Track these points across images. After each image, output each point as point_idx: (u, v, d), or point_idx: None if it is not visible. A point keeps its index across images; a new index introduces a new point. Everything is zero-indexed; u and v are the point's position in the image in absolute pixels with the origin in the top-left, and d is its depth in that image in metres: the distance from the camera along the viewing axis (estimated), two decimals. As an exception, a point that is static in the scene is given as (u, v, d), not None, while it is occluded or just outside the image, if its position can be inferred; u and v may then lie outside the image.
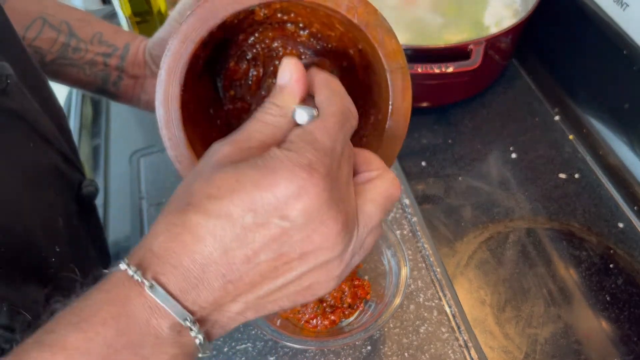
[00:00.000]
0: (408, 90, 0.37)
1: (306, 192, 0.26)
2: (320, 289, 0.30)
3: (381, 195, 0.31)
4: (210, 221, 0.27)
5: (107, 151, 0.79)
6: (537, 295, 0.61)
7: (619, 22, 0.72)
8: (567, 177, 0.73)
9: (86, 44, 0.52)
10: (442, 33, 0.81)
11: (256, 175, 0.27)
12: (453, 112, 0.82)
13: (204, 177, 0.28)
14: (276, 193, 0.26)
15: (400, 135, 0.38)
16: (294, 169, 0.27)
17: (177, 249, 0.27)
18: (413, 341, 0.56)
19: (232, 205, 0.26)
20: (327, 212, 0.27)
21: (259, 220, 0.27)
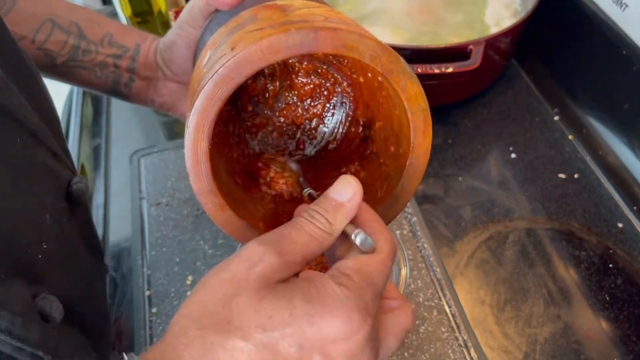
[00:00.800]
0: (429, 130, 0.39)
1: (356, 335, 0.27)
2: None
3: (401, 329, 0.31)
4: (255, 350, 0.26)
5: (107, 151, 0.79)
6: (537, 295, 0.61)
7: (619, 23, 0.72)
8: (566, 177, 0.73)
9: (96, 45, 0.52)
10: (444, 33, 0.81)
11: (311, 311, 0.27)
12: (453, 112, 0.82)
13: (251, 295, 0.27)
14: (330, 332, 0.26)
15: (420, 169, 0.39)
16: (351, 313, 0.27)
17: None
18: (413, 341, 0.56)
19: (281, 340, 0.26)
20: (369, 354, 0.28)
21: (302, 354, 0.26)
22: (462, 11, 0.84)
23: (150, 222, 0.66)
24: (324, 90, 0.46)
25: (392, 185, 0.39)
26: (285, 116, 0.47)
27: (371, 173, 0.43)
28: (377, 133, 0.43)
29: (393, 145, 0.41)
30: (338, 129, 0.48)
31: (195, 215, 0.67)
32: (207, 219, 0.66)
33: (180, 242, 0.64)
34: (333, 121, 0.47)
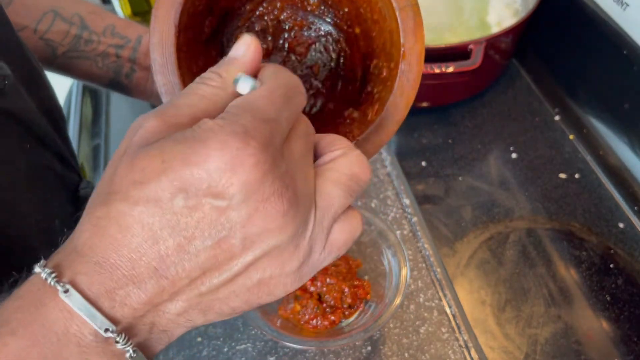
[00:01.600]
0: (420, 30, 0.33)
1: (241, 163, 0.23)
2: (276, 286, 0.26)
3: (344, 174, 0.27)
4: (136, 209, 0.23)
5: (107, 151, 0.79)
6: (537, 295, 0.61)
7: (619, 22, 0.71)
8: (567, 177, 0.73)
9: (98, 35, 0.52)
10: (444, 33, 0.81)
11: (185, 150, 0.23)
12: (453, 112, 0.82)
13: (127, 159, 0.24)
14: (208, 167, 0.23)
15: (415, 79, 0.34)
16: (226, 138, 0.23)
17: (102, 244, 0.24)
18: (413, 341, 0.56)
19: (159, 189, 0.23)
20: (270, 187, 0.24)
21: (190, 203, 0.23)
22: (462, 11, 0.84)
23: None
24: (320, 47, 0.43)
25: (383, 104, 0.35)
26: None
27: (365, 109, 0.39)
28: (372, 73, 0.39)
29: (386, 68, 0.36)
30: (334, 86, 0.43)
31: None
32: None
33: (180, 242, 0.64)
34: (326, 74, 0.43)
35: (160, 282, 0.24)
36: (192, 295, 0.25)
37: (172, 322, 0.26)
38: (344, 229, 0.28)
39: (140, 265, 0.24)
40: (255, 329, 0.56)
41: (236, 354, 0.55)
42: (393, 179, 0.70)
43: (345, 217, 0.28)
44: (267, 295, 0.27)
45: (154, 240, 0.23)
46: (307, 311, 0.55)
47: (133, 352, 0.25)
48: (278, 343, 0.55)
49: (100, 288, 0.24)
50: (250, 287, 0.26)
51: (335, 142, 0.28)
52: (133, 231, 0.23)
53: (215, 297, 0.26)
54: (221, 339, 0.56)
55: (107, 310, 0.24)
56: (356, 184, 0.27)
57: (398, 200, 0.67)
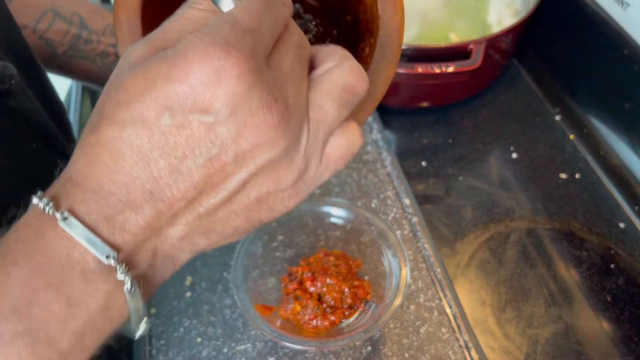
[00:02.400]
0: (399, 1, 0.32)
1: (225, 74, 0.22)
2: (274, 202, 0.26)
3: (337, 85, 0.26)
4: (125, 131, 0.23)
5: (106, 151, 0.79)
6: (538, 295, 0.61)
7: (620, 22, 0.71)
8: (567, 177, 0.73)
9: (98, 35, 0.52)
10: (445, 32, 0.81)
11: (167, 67, 0.22)
12: (453, 112, 0.81)
13: (114, 84, 0.24)
14: (191, 82, 0.22)
15: (394, 54, 0.32)
16: (207, 49, 0.22)
17: (96, 172, 0.23)
18: (413, 342, 0.56)
19: (144, 108, 0.23)
20: (258, 99, 0.23)
21: (177, 120, 0.23)
22: (463, 10, 0.84)
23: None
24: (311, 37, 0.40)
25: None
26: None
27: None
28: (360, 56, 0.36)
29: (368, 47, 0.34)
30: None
31: (195, 216, 0.67)
32: (207, 219, 0.66)
33: (180, 243, 0.64)
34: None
35: (157, 205, 0.24)
36: (191, 217, 0.25)
37: (175, 247, 0.26)
38: (341, 142, 0.27)
39: (135, 190, 0.23)
40: (255, 330, 0.56)
41: (236, 354, 0.55)
42: (393, 179, 0.69)
43: (342, 130, 0.27)
44: (267, 212, 0.26)
45: (146, 162, 0.23)
46: (307, 311, 0.54)
47: (131, 285, 0.24)
48: (278, 343, 0.55)
49: (98, 215, 0.24)
50: (248, 205, 0.25)
51: (331, 54, 0.27)
52: (124, 155, 0.23)
53: (215, 218, 0.25)
54: (221, 340, 0.56)
55: (107, 237, 0.24)
56: (350, 94, 0.27)
57: (398, 200, 0.67)
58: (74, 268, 0.23)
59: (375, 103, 0.33)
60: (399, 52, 0.32)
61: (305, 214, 0.61)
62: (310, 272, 0.55)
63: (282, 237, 0.61)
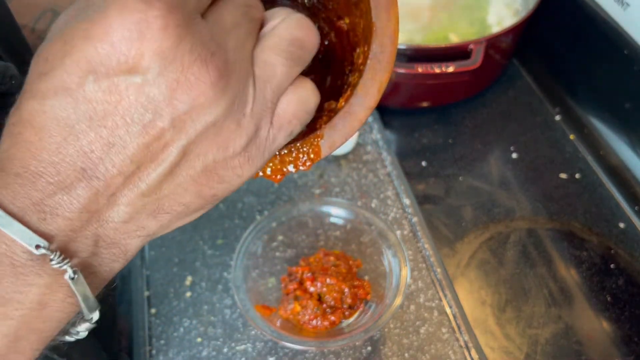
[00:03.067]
0: (394, 7, 0.30)
1: (148, 27, 0.19)
2: (225, 171, 0.24)
3: (284, 40, 0.24)
4: (46, 103, 0.20)
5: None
6: (538, 295, 0.61)
7: (620, 22, 0.71)
8: (568, 177, 0.73)
9: None
10: (445, 32, 0.81)
11: (85, 25, 0.20)
12: (453, 112, 0.81)
13: (36, 54, 0.21)
14: (111, 39, 0.20)
15: (388, 61, 0.31)
16: (126, 3, 0.19)
17: (20, 152, 0.21)
18: (413, 342, 0.56)
19: (64, 74, 0.20)
20: (189, 55, 0.20)
21: (103, 85, 0.20)
22: (463, 10, 0.84)
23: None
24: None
25: (353, 90, 0.32)
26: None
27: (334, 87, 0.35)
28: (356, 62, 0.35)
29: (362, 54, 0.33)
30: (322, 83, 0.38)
31: (195, 216, 0.66)
32: (207, 219, 0.66)
33: (180, 243, 0.64)
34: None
35: (92, 183, 0.21)
36: (133, 196, 0.22)
37: (119, 232, 0.23)
38: (292, 100, 0.25)
39: (65, 168, 0.21)
40: (255, 330, 0.56)
41: (236, 354, 0.55)
42: (393, 179, 0.69)
43: (293, 87, 0.25)
44: (218, 184, 0.24)
45: (74, 136, 0.21)
46: (307, 312, 0.54)
47: (73, 272, 0.22)
48: (278, 343, 0.55)
49: (25, 201, 0.21)
50: (195, 177, 0.23)
51: (279, 11, 0.25)
52: (49, 130, 0.21)
53: (160, 194, 0.23)
54: (221, 340, 0.56)
55: (36, 225, 0.21)
56: (299, 48, 0.24)
57: (398, 200, 0.67)
58: (1, 261, 0.21)
59: (369, 111, 0.32)
60: (392, 59, 0.31)
61: (305, 214, 0.61)
62: (310, 272, 0.56)
63: (282, 237, 0.61)
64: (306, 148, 0.32)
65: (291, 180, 0.70)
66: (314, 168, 0.71)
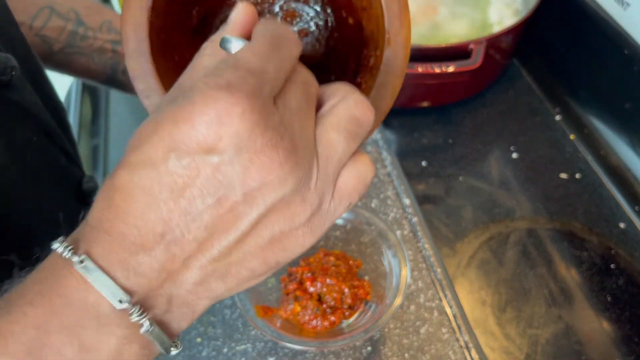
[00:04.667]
0: (406, 14, 0.32)
1: (227, 114, 0.22)
2: (289, 241, 0.26)
3: (343, 119, 0.26)
4: (135, 173, 0.23)
5: (106, 151, 0.79)
6: (538, 295, 0.61)
7: (620, 22, 0.71)
8: (568, 177, 0.73)
9: (94, 31, 0.52)
10: (445, 32, 0.81)
11: (173, 110, 0.23)
12: (454, 112, 0.81)
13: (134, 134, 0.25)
14: (195, 124, 0.22)
15: (400, 67, 0.32)
16: (210, 92, 0.22)
17: (110, 214, 0.24)
18: (413, 342, 0.55)
19: (151, 150, 0.23)
20: (262, 138, 0.23)
21: (184, 162, 0.23)
22: (463, 10, 0.84)
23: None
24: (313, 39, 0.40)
25: (367, 94, 0.33)
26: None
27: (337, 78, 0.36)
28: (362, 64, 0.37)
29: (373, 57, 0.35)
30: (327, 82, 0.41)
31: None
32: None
33: (180, 243, 0.64)
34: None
35: (169, 247, 0.24)
36: (205, 260, 0.24)
37: (191, 293, 0.25)
38: (352, 175, 0.27)
39: (147, 232, 0.23)
40: (255, 330, 0.56)
41: (236, 354, 0.55)
42: (393, 179, 0.69)
43: (353, 163, 0.27)
44: (282, 252, 0.26)
45: (156, 204, 0.23)
46: (307, 312, 0.54)
47: (150, 324, 0.24)
48: (278, 344, 0.55)
49: (113, 257, 0.24)
50: (263, 246, 0.25)
51: (336, 90, 0.27)
52: (135, 197, 0.23)
53: (229, 260, 0.25)
54: (221, 340, 0.56)
55: (122, 280, 0.24)
56: (358, 126, 0.27)
57: (398, 200, 0.67)
58: (88, 311, 0.23)
59: (383, 116, 0.33)
60: (405, 66, 0.32)
61: (305, 214, 0.61)
62: (310, 272, 0.55)
63: (282, 237, 0.61)
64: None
65: (291, 180, 0.70)
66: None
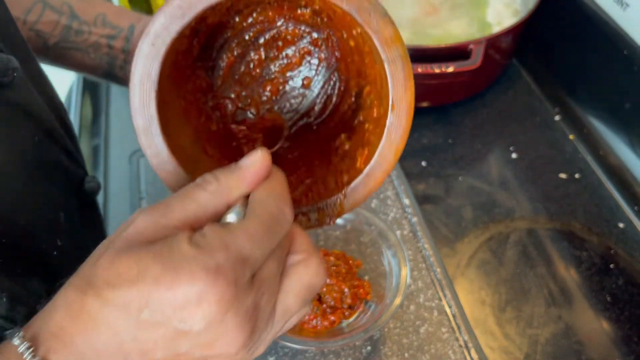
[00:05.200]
0: (410, 82, 0.34)
1: (207, 299, 0.24)
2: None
3: (303, 286, 0.29)
4: (106, 309, 0.25)
5: (106, 151, 0.79)
6: (538, 295, 0.61)
7: (619, 22, 0.71)
8: (567, 177, 0.73)
9: (89, 26, 0.51)
10: (445, 33, 0.81)
11: (157, 270, 0.25)
12: (453, 112, 0.82)
13: (110, 254, 0.26)
14: (176, 295, 0.24)
15: (404, 130, 0.35)
16: (197, 272, 0.24)
17: (73, 329, 0.25)
18: (413, 341, 0.56)
19: (129, 298, 0.25)
20: (231, 321, 0.25)
21: (155, 318, 0.25)
22: (462, 11, 0.84)
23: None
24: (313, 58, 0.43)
25: (372, 151, 0.36)
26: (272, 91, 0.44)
27: (355, 143, 0.39)
28: (365, 100, 0.40)
29: (377, 108, 0.37)
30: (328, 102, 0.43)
31: (195, 216, 0.67)
32: (207, 219, 0.66)
33: (180, 243, 0.64)
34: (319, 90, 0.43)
35: None
36: None
37: None
38: (294, 319, 0.31)
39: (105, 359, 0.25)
40: (255, 329, 0.56)
41: (236, 354, 0.55)
42: (393, 179, 0.70)
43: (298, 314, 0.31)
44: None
45: (120, 341, 0.25)
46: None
47: None
48: (278, 343, 0.55)
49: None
50: None
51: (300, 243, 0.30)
52: (100, 328, 0.25)
53: None
54: (221, 339, 0.56)
55: None
56: (311, 293, 0.30)
57: (398, 200, 0.67)
58: None
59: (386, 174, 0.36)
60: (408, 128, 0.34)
61: (305, 214, 0.61)
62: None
63: (282, 237, 0.61)
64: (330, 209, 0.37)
65: (291, 180, 0.70)
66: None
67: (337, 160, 0.39)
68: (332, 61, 0.42)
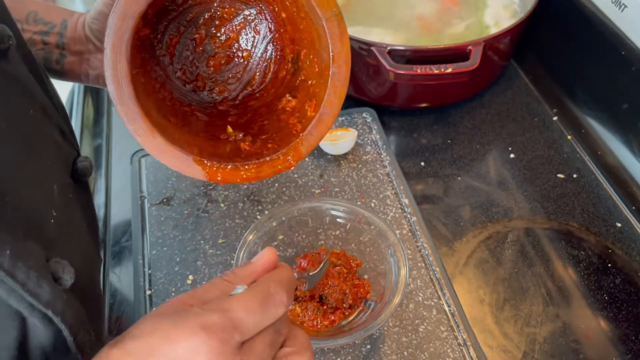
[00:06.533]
0: (345, 36, 0.39)
1: (200, 348, 0.29)
2: None
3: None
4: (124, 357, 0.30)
5: (108, 151, 0.79)
6: (536, 294, 0.62)
7: (617, 23, 0.72)
8: (565, 177, 0.73)
9: (21, 23, 0.52)
10: (443, 34, 0.81)
11: (167, 327, 0.30)
12: (452, 113, 0.82)
13: (142, 319, 0.31)
14: (178, 345, 0.29)
15: (344, 78, 0.40)
16: (195, 328, 0.30)
17: None
18: (412, 340, 0.56)
19: (144, 349, 0.30)
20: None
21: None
22: (461, 11, 0.84)
23: (151, 222, 0.67)
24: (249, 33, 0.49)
25: (319, 100, 0.42)
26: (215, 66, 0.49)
27: (302, 98, 0.45)
28: (303, 61, 0.45)
29: (317, 65, 0.43)
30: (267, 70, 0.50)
31: (196, 215, 0.67)
32: (208, 218, 0.66)
33: (181, 242, 0.64)
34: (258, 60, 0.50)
35: None
36: None
37: None
38: None
39: None
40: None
41: (237, 352, 0.55)
42: (392, 178, 0.70)
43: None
44: None
45: None
46: (307, 313, 0.55)
47: None
48: (278, 342, 0.55)
49: None
50: None
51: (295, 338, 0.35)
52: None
53: None
54: (222, 338, 0.56)
55: None
56: None
57: (397, 200, 0.68)
58: None
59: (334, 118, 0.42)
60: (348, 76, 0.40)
61: (305, 213, 0.61)
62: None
63: (282, 236, 0.61)
64: (291, 154, 0.43)
65: (292, 180, 0.70)
66: (314, 168, 0.72)
67: (286, 116, 0.45)
68: (267, 33, 0.48)
